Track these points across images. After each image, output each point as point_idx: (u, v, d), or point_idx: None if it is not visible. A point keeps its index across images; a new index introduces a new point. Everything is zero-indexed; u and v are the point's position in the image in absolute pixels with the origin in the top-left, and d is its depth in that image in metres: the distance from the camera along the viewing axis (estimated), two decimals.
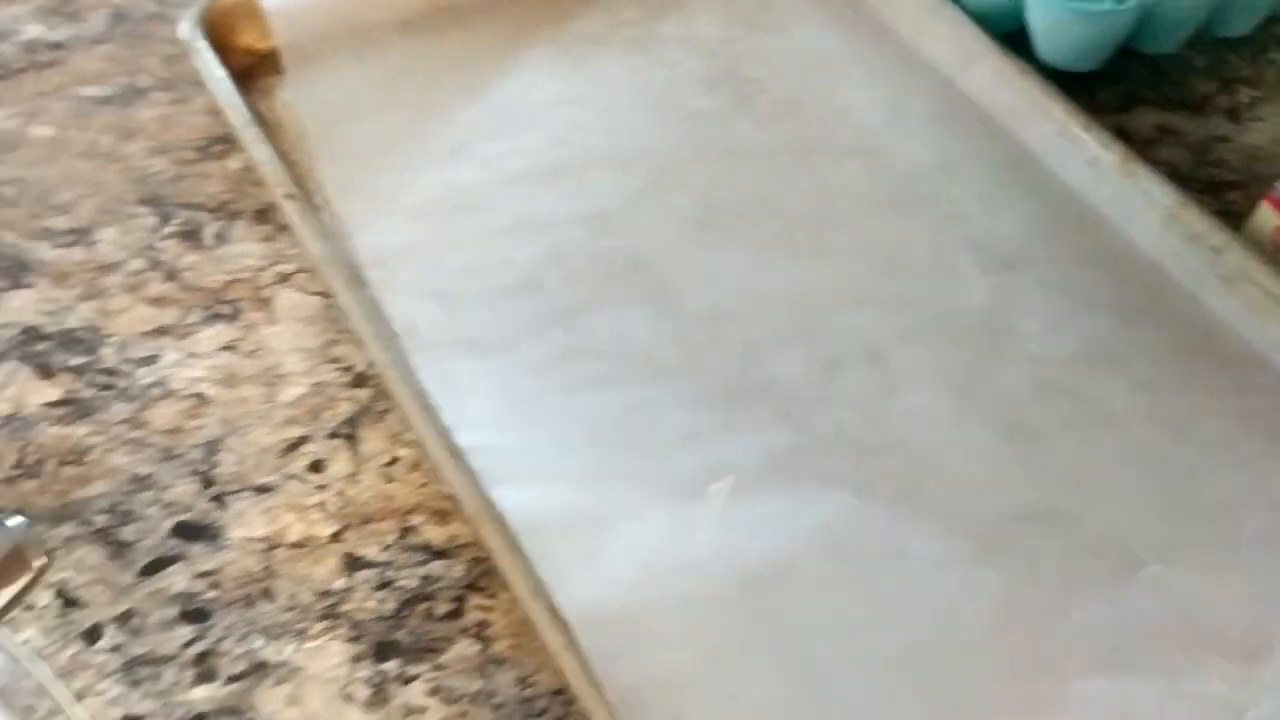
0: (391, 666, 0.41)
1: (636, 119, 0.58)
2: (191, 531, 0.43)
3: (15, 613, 0.38)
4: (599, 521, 0.43)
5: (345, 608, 0.42)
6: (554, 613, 0.39)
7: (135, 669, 0.39)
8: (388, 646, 0.41)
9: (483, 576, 0.43)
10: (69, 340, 0.48)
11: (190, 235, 0.53)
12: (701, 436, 0.45)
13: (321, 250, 0.49)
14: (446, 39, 0.60)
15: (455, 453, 0.43)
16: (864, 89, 0.59)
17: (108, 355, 0.48)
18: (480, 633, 0.41)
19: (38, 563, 0.27)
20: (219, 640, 0.40)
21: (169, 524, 0.43)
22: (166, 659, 0.40)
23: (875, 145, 0.57)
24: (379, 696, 0.40)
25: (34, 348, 0.48)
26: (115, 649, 0.40)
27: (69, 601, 0.41)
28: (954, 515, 0.43)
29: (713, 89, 0.59)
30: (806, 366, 0.48)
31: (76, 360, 0.48)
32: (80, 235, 0.52)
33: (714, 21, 0.63)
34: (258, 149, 0.52)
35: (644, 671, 0.39)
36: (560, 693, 0.40)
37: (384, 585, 0.43)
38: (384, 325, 0.47)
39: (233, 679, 0.39)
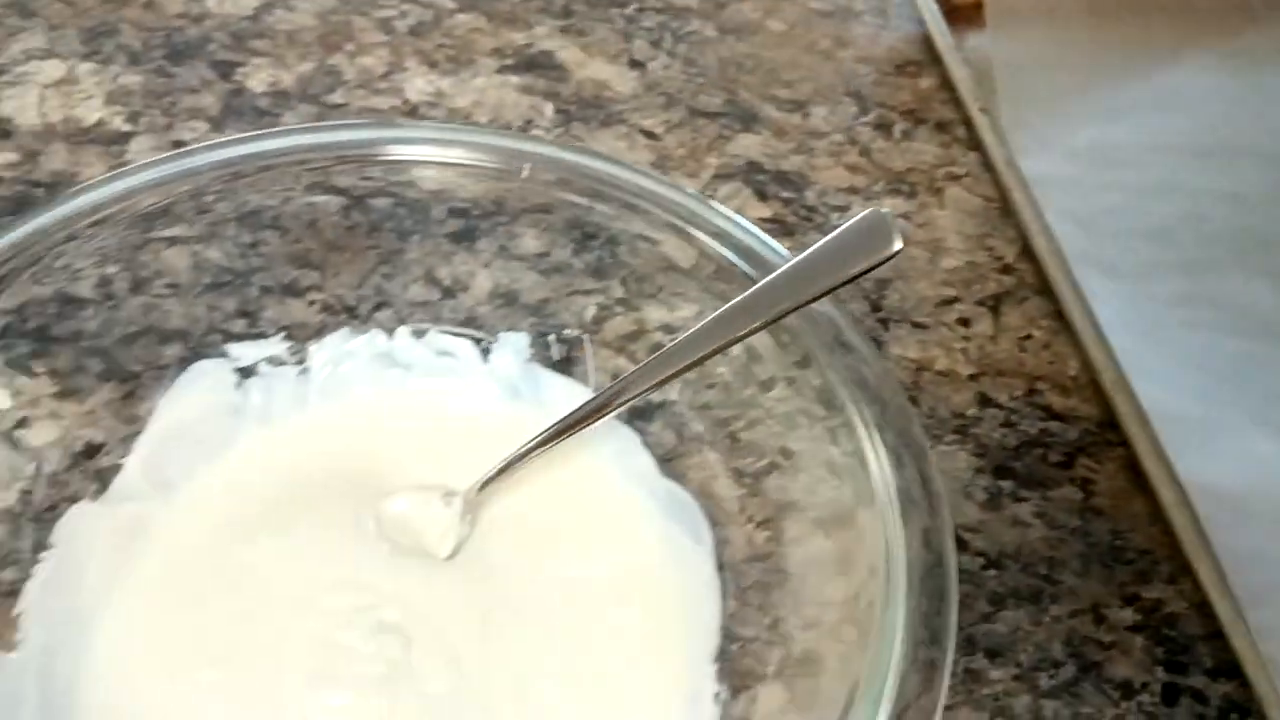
0: (1007, 485, 0.48)
1: None
2: None
3: None
4: (1218, 422, 0.48)
5: (974, 431, 0.50)
6: (1170, 473, 0.45)
7: None
8: (1005, 470, 0.49)
9: (1093, 445, 0.49)
10: (781, 178, 0.60)
11: (882, 127, 0.63)
12: None
13: (1002, 157, 0.57)
14: (1126, 24, 0.67)
15: (1100, 332, 0.49)
16: None
17: (810, 196, 0.59)
18: (1085, 485, 0.48)
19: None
20: None
21: None
22: None
23: None
24: (993, 504, 0.47)
25: (755, 176, 0.60)
26: None
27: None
28: None
29: None
30: None
31: (786, 194, 0.59)
32: (797, 106, 0.64)
33: None
34: (958, 69, 0.62)
35: (1251, 544, 0.44)
36: (1148, 552, 0.46)
37: (1007, 425, 0.50)
38: (1044, 227, 0.55)
39: None
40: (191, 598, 0.39)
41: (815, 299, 0.37)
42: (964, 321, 0.54)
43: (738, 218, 0.44)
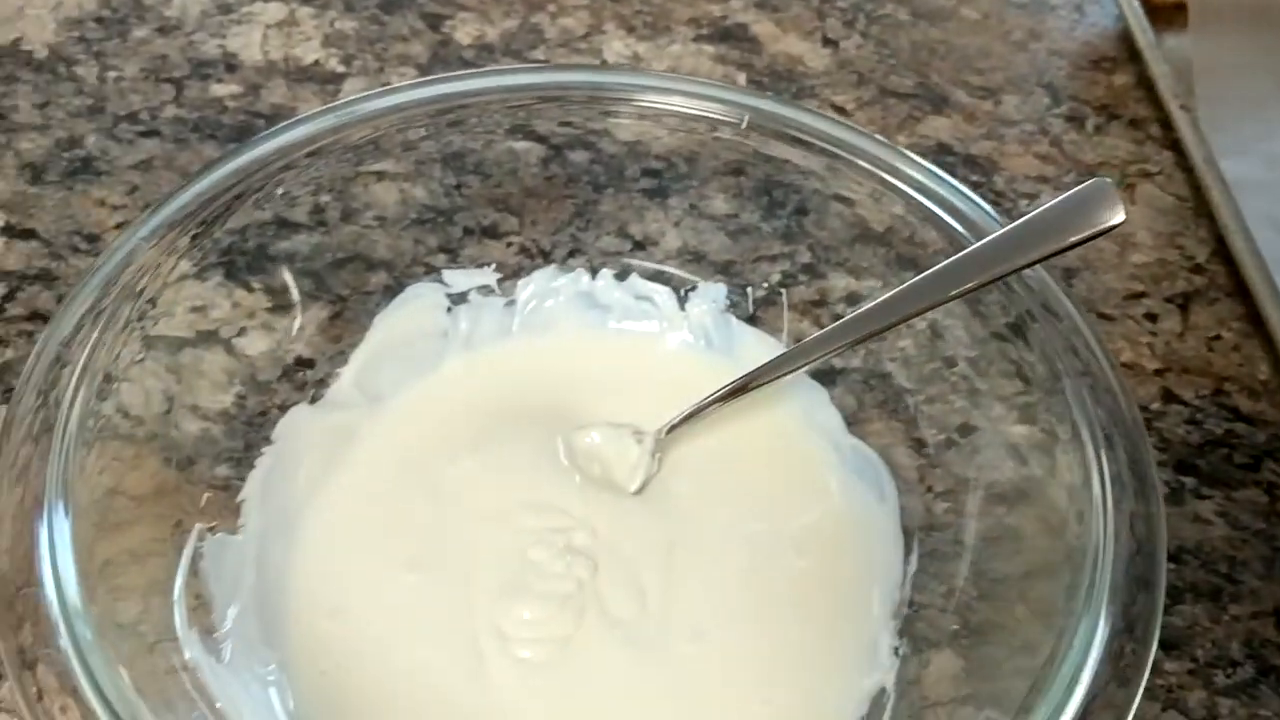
0: (1189, 481, 0.47)
1: None
2: None
3: None
4: None
5: (1157, 425, 0.49)
6: None
7: None
8: (1188, 466, 0.48)
9: None
10: (970, 161, 0.59)
11: (1074, 119, 0.62)
12: None
13: (1200, 156, 0.56)
14: None
15: None
16: None
17: (999, 182, 0.59)
18: (1271, 490, 0.47)
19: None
20: None
21: None
22: None
23: None
24: (1174, 498, 0.47)
25: (944, 158, 0.60)
26: None
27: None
28: None
29: None
30: None
31: (975, 178, 0.59)
32: (989, 93, 0.63)
33: None
34: (1158, 66, 0.61)
35: None
36: None
37: (1192, 422, 0.49)
38: (1242, 228, 0.54)
39: None
40: (394, 504, 0.41)
41: (1034, 263, 0.37)
42: (1151, 317, 0.53)
43: (948, 178, 0.44)
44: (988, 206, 0.44)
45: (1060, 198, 0.38)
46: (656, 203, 0.53)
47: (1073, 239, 0.37)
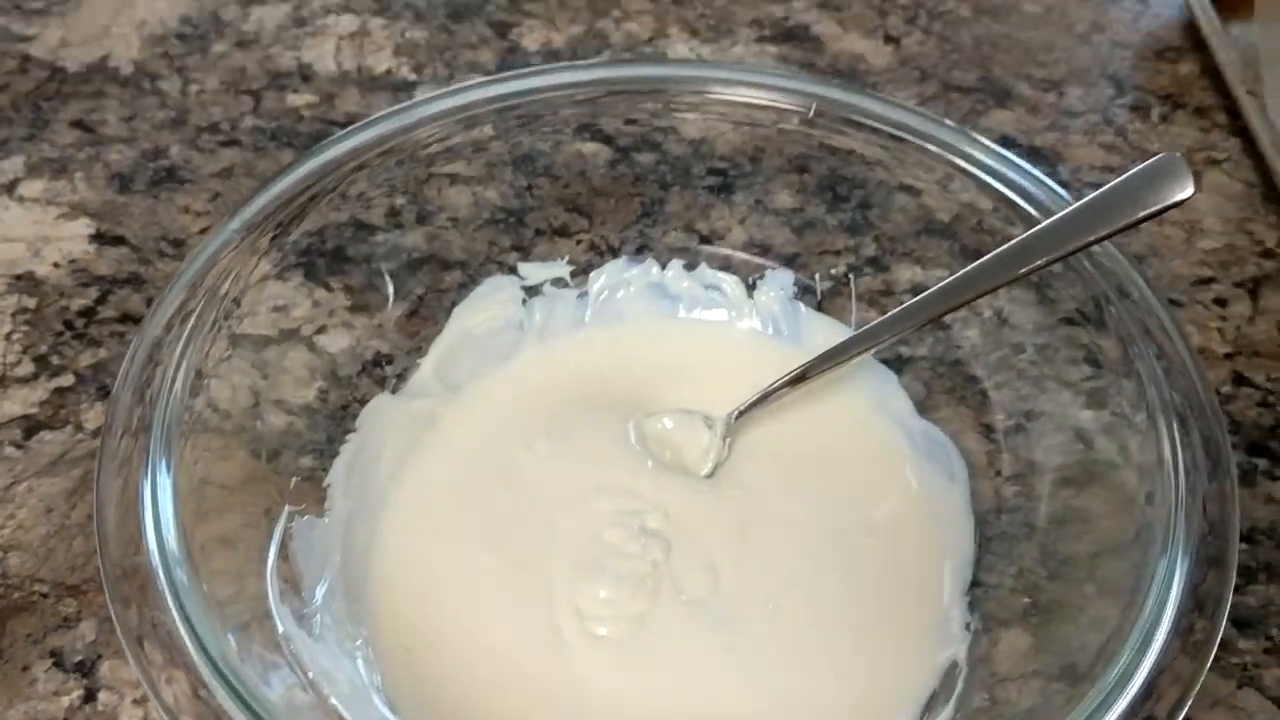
0: (1261, 463, 0.47)
1: None
2: None
3: None
4: None
5: (1228, 408, 0.49)
6: None
7: None
8: (1260, 448, 0.48)
9: None
10: (1035, 153, 0.60)
11: (1139, 109, 0.62)
12: None
13: (1269, 140, 0.56)
14: None
15: None
16: None
17: (1064, 172, 0.59)
18: None
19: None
20: None
21: None
22: None
23: None
24: (1246, 479, 0.47)
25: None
26: None
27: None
28: None
29: None
30: None
31: (1040, 169, 0.59)
32: (1052, 85, 0.64)
33: None
34: (1225, 53, 0.61)
35: None
36: None
37: (1264, 405, 0.49)
38: None
39: None
40: (472, 487, 0.42)
41: (1104, 239, 0.37)
42: (1220, 301, 0.53)
43: (1018, 160, 0.45)
44: (1058, 188, 0.44)
45: (1129, 173, 0.38)
46: (722, 199, 0.54)
47: (1143, 213, 0.37)
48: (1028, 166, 0.46)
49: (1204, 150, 0.60)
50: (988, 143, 0.46)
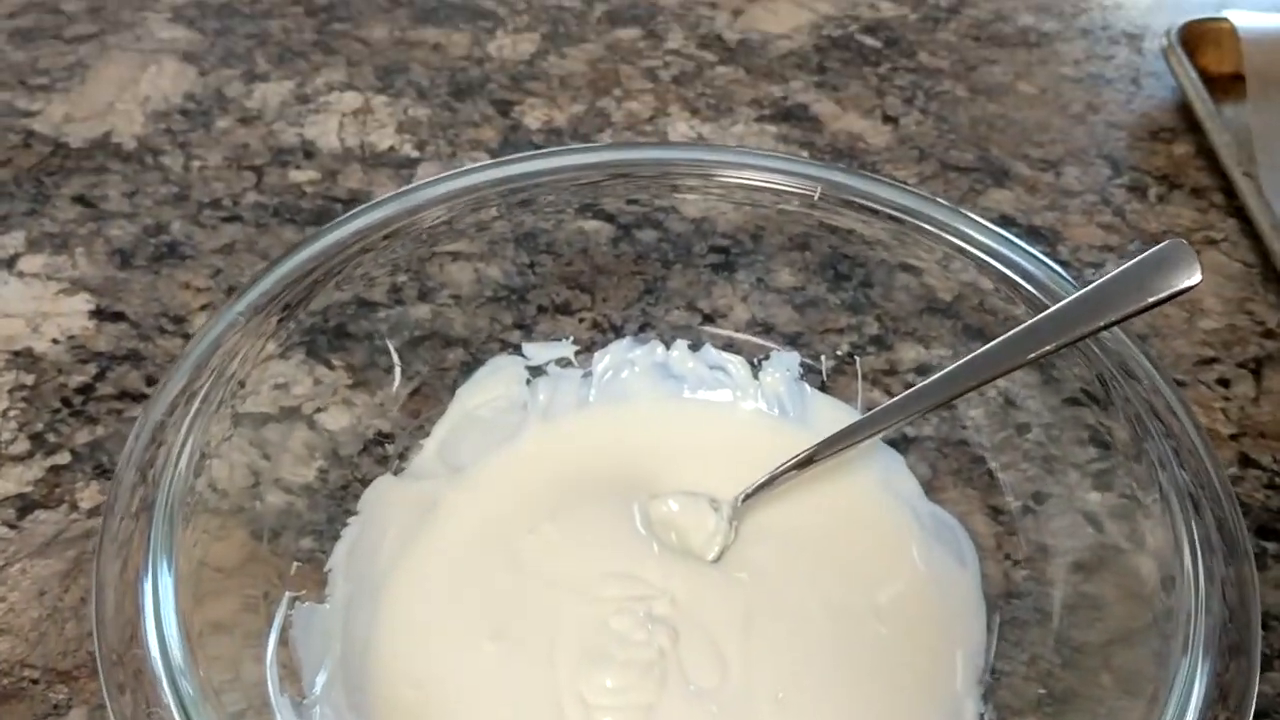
0: (1271, 546, 0.47)
1: None
2: None
3: None
4: None
5: (1235, 490, 0.49)
6: None
7: None
8: (1269, 531, 0.47)
9: None
10: (1034, 233, 0.60)
11: (1136, 189, 0.63)
12: None
13: (1267, 222, 0.56)
14: None
15: None
16: None
17: (1063, 252, 0.59)
18: None
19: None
20: None
21: None
22: None
23: None
24: (1258, 563, 0.46)
25: (1007, 230, 0.60)
26: None
27: None
28: None
29: None
30: None
31: (1040, 249, 0.59)
32: (1049, 165, 0.64)
33: None
34: (1219, 135, 0.61)
35: None
36: None
37: (1271, 487, 0.49)
38: None
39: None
40: (475, 572, 0.41)
41: (1113, 324, 0.38)
42: (1224, 382, 0.53)
43: (1019, 241, 0.45)
44: (1059, 269, 0.44)
45: (1137, 259, 0.38)
46: (724, 277, 0.54)
47: (1150, 299, 0.37)
48: (1027, 247, 0.46)
49: (1202, 230, 0.61)
50: (987, 223, 0.47)
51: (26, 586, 0.44)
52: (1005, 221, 0.61)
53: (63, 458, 0.48)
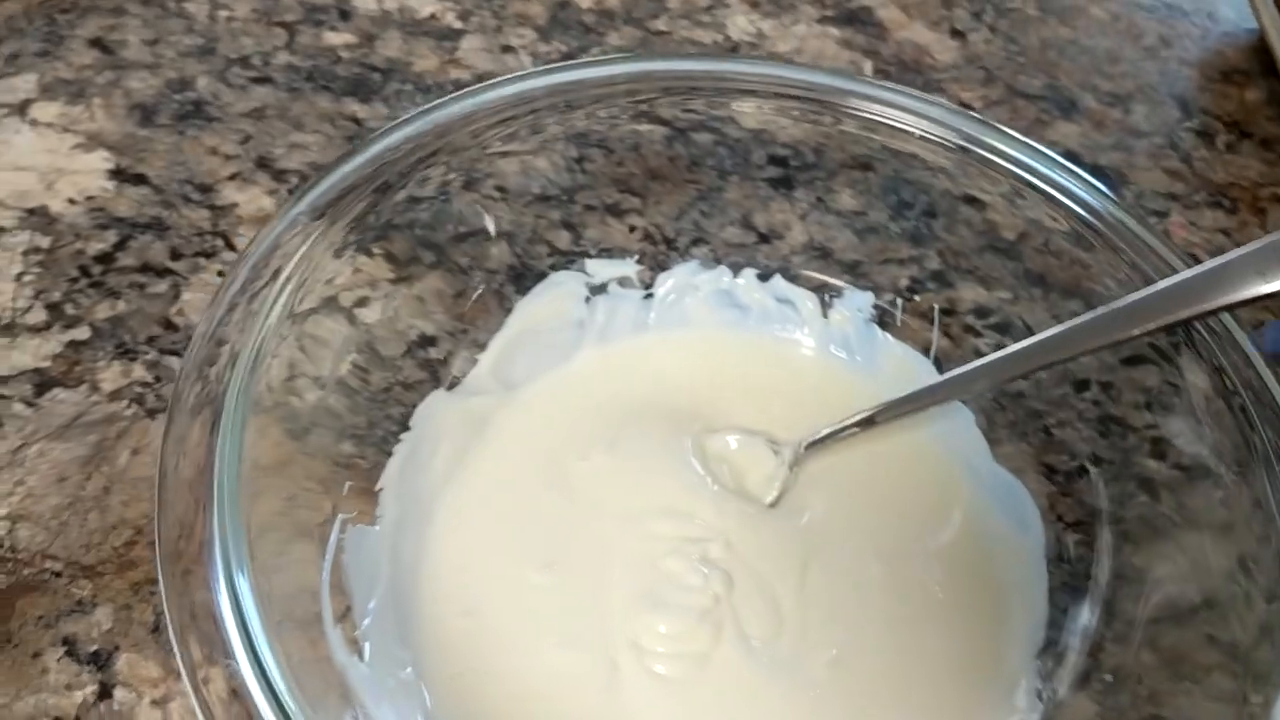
0: None
1: None
2: None
3: None
4: None
5: None
6: None
7: None
8: None
9: None
10: (1099, 173, 0.58)
11: (1205, 135, 0.60)
12: None
13: None
14: None
15: None
16: None
17: (1126, 196, 0.57)
18: None
19: None
20: None
21: None
22: None
23: None
24: None
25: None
26: None
27: None
28: None
29: None
30: None
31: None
32: (1118, 100, 0.61)
33: None
34: None
35: None
36: None
37: None
38: None
39: None
40: (525, 498, 0.40)
41: (1223, 309, 0.35)
42: None
43: (1095, 182, 0.43)
44: (1135, 220, 0.42)
45: (1258, 243, 0.36)
46: (782, 193, 0.51)
47: (1266, 289, 0.35)
48: (1103, 189, 0.44)
49: (1270, 185, 0.59)
50: (1058, 158, 0.44)
51: (45, 470, 0.41)
52: (1070, 158, 0.58)
53: (82, 332, 0.45)
